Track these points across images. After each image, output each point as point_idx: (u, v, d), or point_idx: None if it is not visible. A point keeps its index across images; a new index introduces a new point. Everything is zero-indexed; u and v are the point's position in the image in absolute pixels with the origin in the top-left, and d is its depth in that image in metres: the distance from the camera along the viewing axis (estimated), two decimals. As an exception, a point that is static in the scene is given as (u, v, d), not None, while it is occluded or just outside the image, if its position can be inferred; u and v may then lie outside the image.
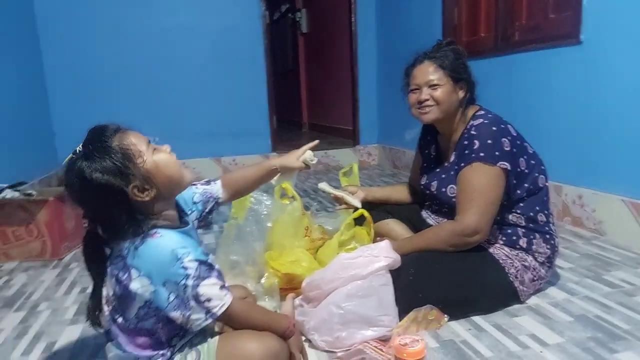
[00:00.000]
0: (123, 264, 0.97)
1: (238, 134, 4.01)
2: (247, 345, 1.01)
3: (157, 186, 0.99)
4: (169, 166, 1.01)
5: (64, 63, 3.61)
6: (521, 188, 1.49)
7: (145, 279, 0.95)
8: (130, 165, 0.95)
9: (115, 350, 1.04)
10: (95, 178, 0.93)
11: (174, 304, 0.96)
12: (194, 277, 0.95)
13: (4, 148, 2.77)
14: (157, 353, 1.02)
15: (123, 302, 0.99)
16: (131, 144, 0.97)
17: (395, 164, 4.19)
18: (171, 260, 0.94)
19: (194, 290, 0.95)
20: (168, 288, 0.95)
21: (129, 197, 0.96)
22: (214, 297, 0.97)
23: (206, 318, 0.98)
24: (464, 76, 1.54)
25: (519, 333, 1.37)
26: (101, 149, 0.95)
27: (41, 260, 2.18)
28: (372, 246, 1.38)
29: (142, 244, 0.96)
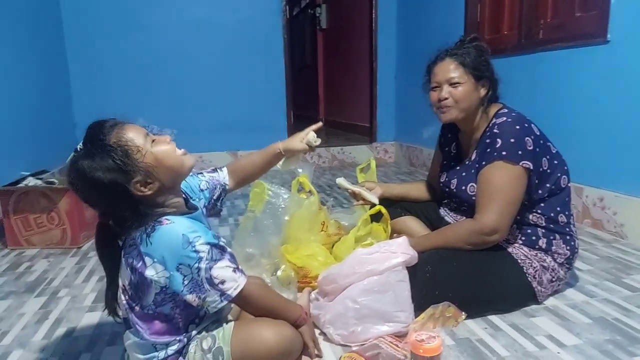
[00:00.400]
0: (137, 252, 0.99)
1: (255, 129, 4.03)
2: (262, 332, 1.03)
3: (159, 179, 1.00)
4: (168, 157, 1.02)
5: (86, 55, 3.66)
6: (543, 188, 1.47)
7: (159, 265, 0.97)
8: (130, 162, 0.96)
9: (133, 337, 1.05)
10: (97, 177, 0.94)
11: (189, 287, 0.97)
12: (206, 259, 0.97)
13: (28, 137, 2.83)
14: (174, 339, 1.04)
15: (140, 289, 1.01)
16: (129, 140, 0.98)
17: (412, 162, 4.17)
18: (183, 244, 0.96)
19: (207, 272, 0.97)
20: (182, 272, 0.97)
21: (132, 193, 0.97)
22: (227, 279, 0.99)
23: (221, 300, 0.99)
24: (485, 74, 1.51)
25: (536, 333, 1.35)
26: (100, 147, 0.96)
27: (61, 247, 2.22)
28: (389, 242, 1.38)
29: (153, 231, 0.97)
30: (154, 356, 1.04)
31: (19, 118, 2.75)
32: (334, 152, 4.34)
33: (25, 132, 2.81)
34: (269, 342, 1.02)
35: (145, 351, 1.04)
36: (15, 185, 2.22)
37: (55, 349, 1.36)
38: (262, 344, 1.01)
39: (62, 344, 1.38)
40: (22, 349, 1.36)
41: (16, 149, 2.67)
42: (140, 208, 0.99)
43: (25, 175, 2.32)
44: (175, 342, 1.04)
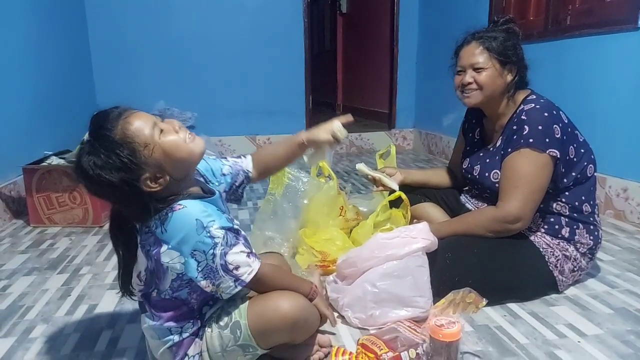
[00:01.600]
0: (154, 238, 0.98)
1: (273, 113, 4.02)
2: (277, 302, 1.03)
3: (169, 172, 0.97)
4: (177, 149, 0.97)
5: (108, 37, 3.68)
6: (568, 177, 1.44)
7: (174, 251, 0.96)
8: (137, 160, 0.93)
9: (149, 321, 1.06)
10: (102, 176, 0.91)
11: (203, 273, 0.96)
12: (221, 245, 0.96)
13: (51, 117, 2.87)
14: (189, 322, 1.05)
15: (156, 275, 1.01)
16: (135, 135, 0.93)
17: (430, 150, 4.13)
18: (197, 229, 0.94)
19: (222, 259, 0.96)
20: (197, 258, 0.96)
21: (141, 189, 0.95)
22: (241, 264, 0.98)
23: (235, 286, 0.99)
24: (512, 59, 1.47)
25: (556, 322, 1.34)
26: (106, 144, 0.92)
27: (83, 226, 2.26)
28: (409, 227, 1.37)
29: (167, 218, 0.96)
30: (169, 339, 1.04)
31: (42, 98, 2.79)
32: (352, 138, 4.31)
33: (48, 113, 2.85)
34: (283, 309, 1.02)
35: (160, 335, 1.05)
36: (38, 164, 2.26)
37: (77, 325, 1.39)
38: (277, 313, 1.02)
39: (84, 320, 1.41)
40: (45, 324, 1.39)
41: (40, 129, 2.71)
42: (151, 201, 0.96)
43: (48, 155, 2.36)
44: (190, 325, 1.05)
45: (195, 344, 1.06)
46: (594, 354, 1.19)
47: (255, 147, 4.08)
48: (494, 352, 1.20)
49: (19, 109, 2.52)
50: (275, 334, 1.04)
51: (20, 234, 2.18)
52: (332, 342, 1.24)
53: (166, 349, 1.05)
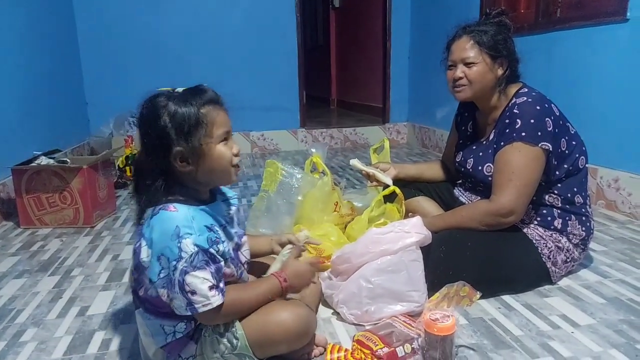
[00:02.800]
0: (140, 231, 0.99)
1: (267, 109, 4.01)
2: (279, 315, 1.02)
3: (197, 167, 0.99)
4: (220, 160, 1.00)
5: (97, 35, 3.65)
6: (560, 169, 1.45)
7: (148, 249, 0.96)
8: (192, 133, 0.96)
9: (141, 319, 1.05)
10: (160, 115, 0.95)
11: (163, 281, 0.94)
12: (186, 261, 0.92)
13: (40, 117, 2.84)
14: (182, 321, 1.02)
15: (140, 271, 1.01)
16: (212, 122, 0.98)
17: (424, 143, 4.13)
18: (171, 235, 0.92)
19: (181, 276, 0.92)
20: (161, 263, 0.94)
21: (168, 155, 0.97)
22: (199, 293, 0.93)
23: (186, 309, 0.94)
24: (503, 53, 1.46)
25: (549, 313, 1.34)
26: (190, 103, 0.97)
27: (74, 227, 2.23)
28: (403, 222, 1.37)
29: (156, 214, 0.96)
30: (162, 338, 1.02)
31: (30, 98, 2.76)
32: (346, 133, 4.31)
33: (37, 112, 2.81)
34: (285, 323, 1.01)
35: (154, 332, 1.03)
36: (27, 164, 2.23)
37: (69, 327, 1.37)
38: (279, 326, 1.01)
39: (76, 322, 1.40)
40: (36, 327, 1.37)
41: (28, 129, 2.68)
42: (163, 175, 0.98)
43: (37, 155, 2.33)
44: (183, 325, 1.02)
45: (189, 346, 1.04)
46: (587, 344, 1.19)
47: (249, 144, 4.06)
48: (488, 345, 1.20)
49: (6, 109, 2.49)
50: (275, 346, 1.04)
51: (10, 235, 2.16)
52: (328, 339, 1.24)
53: (159, 348, 1.03)
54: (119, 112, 3.51)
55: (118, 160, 3.04)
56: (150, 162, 0.99)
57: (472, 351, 1.17)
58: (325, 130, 4.27)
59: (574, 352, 1.16)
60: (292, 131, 4.16)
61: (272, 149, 4.14)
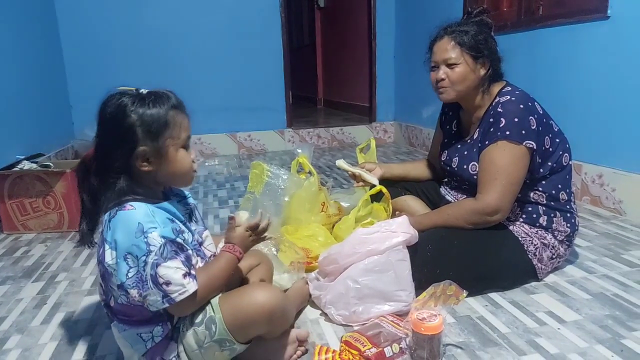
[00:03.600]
0: (101, 238, 0.98)
1: (253, 109, 3.99)
2: (253, 294, 1.02)
3: (158, 169, 1.00)
4: (182, 163, 1.02)
5: (81, 37, 3.60)
6: (545, 166, 1.46)
7: (113, 251, 0.94)
8: (157, 134, 0.97)
9: (117, 331, 1.04)
10: (128, 117, 0.96)
11: (132, 280, 0.92)
12: (155, 254, 0.91)
13: (22, 121, 2.79)
14: (158, 326, 1.01)
15: (106, 280, 0.99)
16: (179, 125, 1.00)
17: (411, 142, 4.15)
18: (136, 232, 0.91)
19: (153, 269, 0.91)
20: (128, 262, 0.92)
21: (131, 154, 0.97)
22: (173, 282, 0.93)
23: (163, 302, 0.93)
24: (484, 52, 1.47)
25: (536, 310, 1.35)
26: (155, 103, 0.98)
27: (58, 231, 2.20)
28: (389, 221, 1.37)
29: (114, 216, 0.95)
30: (141, 346, 1.01)
31: (13, 101, 2.71)
32: (334, 132, 4.31)
33: (20, 115, 2.77)
34: (259, 300, 1.01)
35: (132, 342, 1.02)
36: (10, 169, 2.20)
37: (54, 333, 1.35)
38: (254, 305, 1.00)
39: (61, 328, 1.38)
40: (20, 334, 1.35)
41: (11, 133, 2.63)
42: (122, 173, 0.98)
43: (20, 159, 2.30)
44: (159, 329, 1.01)
45: (170, 346, 1.03)
46: (573, 340, 1.20)
47: (236, 145, 4.04)
48: (476, 343, 1.20)
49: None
50: (253, 327, 1.03)
51: (-6, 241, 2.13)
52: (316, 341, 1.24)
53: (141, 356, 1.02)
54: (103, 115, 3.47)
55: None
56: (107, 161, 0.98)
57: (459, 349, 1.18)
58: (312, 129, 4.27)
59: (561, 349, 1.17)
60: (278, 131, 4.15)
61: (258, 150, 4.12)
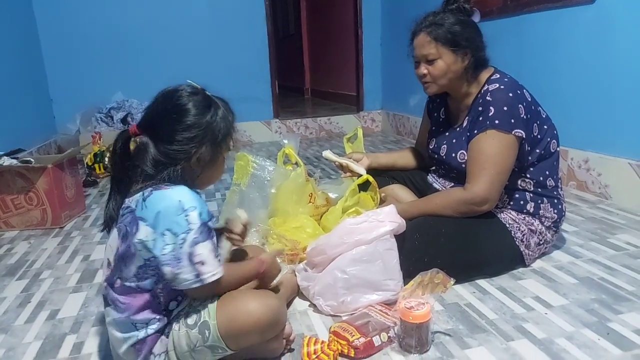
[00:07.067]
0: (132, 217, 0.97)
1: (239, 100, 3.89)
2: (248, 305, 1.01)
3: (203, 170, 1.05)
4: (220, 171, 1.12)
5: (59, 28, 3.52)
6: (533, 154, 1.45)
7: (150, 228, 0.94)
8: (223, 140, 1.05)
9: (113, 314, 1.02)
10: (217, 112, 1.04)
11: (168, 257, 0.94)
12: (195, 233, 0.94)
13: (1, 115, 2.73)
14: (154, 317, 1.01)
15: (123, 261, 0.99)
16: (233, 135, 1.09)
17: (399, 130, 4.14)
18: (176, 210, 0.94)
19: (191, 247, 0.94)
20: (166, 239, 0.94)
21: (194, 151, 1.01)
22: (208, 263, 0.95)
23: (194, 281, 0.95)
24: (462, 44, 1.44)
25: (523, 295, 1.36)
26: (229, 110, 1.08)
27: (42, 228, 2.17)
28: (377, 211, 1.36)
29: (149, 195, 0.96)
30: (133, 335, 1.00)
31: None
32: (321, 122, 4.28)
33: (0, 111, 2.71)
34: (255, 313, 1.00)
35: (124, 329, 1.01)
36: (-10, 165, 2.15)
37: (39, 332, 1.33)
38: (248, 316, 1.00)
39: (45, 326, 1.35)
40: (3, 334, 1.33)
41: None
42: (172, 163, 1.00)
43: (0, 155, 2.25)
44: (155, 321, 1.01)
45: (161, 341, 1.02)
46: (560, 325, 1.21)
47: (221, 137, 4.00)
48: (464, 330, 1.21)
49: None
50: (246, 337, 1.03)
51: (-25, 240, 2.08)
52: (305, 332, 1.23)
53: (129, 346, 1.01)
54: (85, 108, 3.41)
55: (86, 158, 2.96)
56: (173, 148, 1.00)
57: (448, 337, 1.18)
58: (299, 120, 4.24)
59: (548, 333, 1.17)
60: (265, 122, 4.11)
61: (245, 141, 4.09)
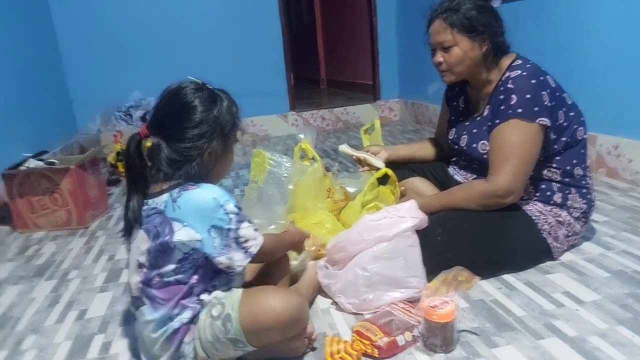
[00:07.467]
0: (161, 218, 1.02)
1: (254, 94, 3.91)
2: (270, 301, 1.03)
3: (217, 163, 1.10)
4: (231, 163, 1.16)
5: (76, 28, 3.54)
6: (559, 142, 1.40)
7: (190, 228, 1.00)
8: (231, 132, 1.10)
9: (149, 313, 1.05)
10: (222, 104, 1.08)
11: (219, 249, 1.02)
12: (236, 221, 1.02)
13: (24, 118, 2.78)
14: (188, 306, 1.05)
15: (160, 257, 1.02)
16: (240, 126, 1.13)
17: (417, 119, 4.08)
18: (214, 207, 1.00)
19: (236, 233, 1.02)
20: (213, 234, 1.00)
21: (205, 147, 1.05)
22: (250, 238, 1.04)
23: (245, 257, 1.05)
24: (479, 29, 1.39)
25: (552, 291, 1.32)
26: (234, 102, 1.12)
27: (68, 229, 2.20)
28: (397, 207, 1.33)
29: (179, 196, 1.01)
30: (169, 327, 1.04)
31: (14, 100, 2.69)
32: (338, 113, 4.24)
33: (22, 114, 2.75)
34: (276, 310, 1.02)
35: (161, 325, 1.04)
36: (17, 167, 2.19)
37: (68, 332, 1.35)
38: (270, 312, 1.01)
39: (74, 327, 1.38)
40: (35, 334, 1.36)
41: (15, 132, 2.62)
42: (188, 158, 1.04)
43: (26, 157, 2.29)
44: (189, 310, 1.05)
45: (190, 330, 1.06)
46: (592, 321, 1.16)
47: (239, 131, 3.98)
48: (491, 328, 1.17)
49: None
50: (267, 333, 1.03)
51: (6, 241, 2.13)
52: (327, 332, 1.22)
53: (165, 339, 1.04)
54: (105, 107, 3.45)
55: (109, 157, 2.99)
56: (186, 146, 1.04)
57: (474, 336, 1.15)
58: (315, 111, 4.20)
59: (579, 331, 1.13)
60: (281, 115, 4.09)
61: (262, 135, 4.07)
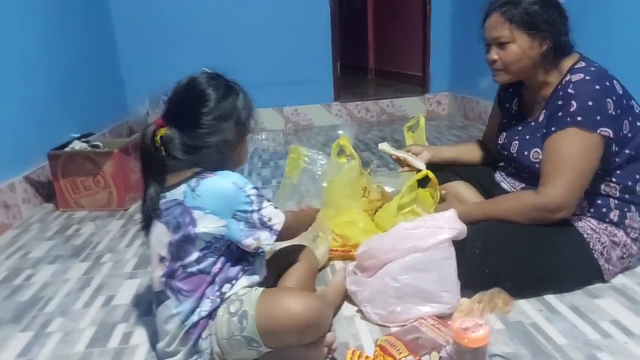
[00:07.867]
0: (182, 209, 1.01)
1: (300, 83, 3.87)
2: (289, 303, 1.00)
3: (231, 154, 1.10)
4: (246, 153, 1.17)
5: (132, 13, 3.60)
6: (621, 155, 1.27)
7: (213, 215, 1.00)
8: (247, 122, 1.11)
9: (174, 306, 1.04)
10: (239, 95, 1.09)
11: (245, 233, 1.02)
12: (257, 202, 1.03)
13: (76, 98, 2.85)
14: (209, 299, 1.04)
15: (182, 248, 1.02)
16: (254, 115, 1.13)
17: (466, 115, 3.91)
18: (236, 191, 1.01)
19: (259, 213, 1.03)
20: (238, 218, 1.01)
21: (220, 134, 1.05)
22: (273, 216, 1.05)
23: (271, 235, 1.05)
24: (541, 27, 1.27)
25: (599, 318, 1.20)
26: (247, 93, 1.11)
27: (108, 210, 2.25)
28: (435, 216, 1.25)
29: (198, 185, 1.01)
30: (190, 320, 1.03)
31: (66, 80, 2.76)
32: (383, 105, 4.13)
33: (73, 93, 2.82)
34: (294, 312, 0.99)
35: (184, 319, 1.04)
36: (64, 147, 2.25)
37: (94, 318, 1.37)
38: (286, 314, 0.98)
39: (100, 312, 1.39)
40: (62, 317, 1.38)
41: (64, 112, 2.69)
42: (209, 146, 1.04)
43: (73, 138, 2.35)
44: (209, 303, 1.04)
45: (209, 325, 1.05)
46: (643, 358, 1.06)
47: (282, 120, 3.96)
48: (527, 355, 1.08)
49: (42, 92, 2.50)
50: (282, 335, 1.00)
51: (48, 219, 2.20)
52: (350, 342, 1.17)
53: (184, 332, 1.04)
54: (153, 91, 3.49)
55: (153, 140, 3.04)
56: (198, 135, 1.04)
57: (507, 362, 1.07)
58: (360, 102, 4.09)
59: (627, 368, 1.03)
60: (325, 105, 4.02)
61: (305, 125, 4.02)
